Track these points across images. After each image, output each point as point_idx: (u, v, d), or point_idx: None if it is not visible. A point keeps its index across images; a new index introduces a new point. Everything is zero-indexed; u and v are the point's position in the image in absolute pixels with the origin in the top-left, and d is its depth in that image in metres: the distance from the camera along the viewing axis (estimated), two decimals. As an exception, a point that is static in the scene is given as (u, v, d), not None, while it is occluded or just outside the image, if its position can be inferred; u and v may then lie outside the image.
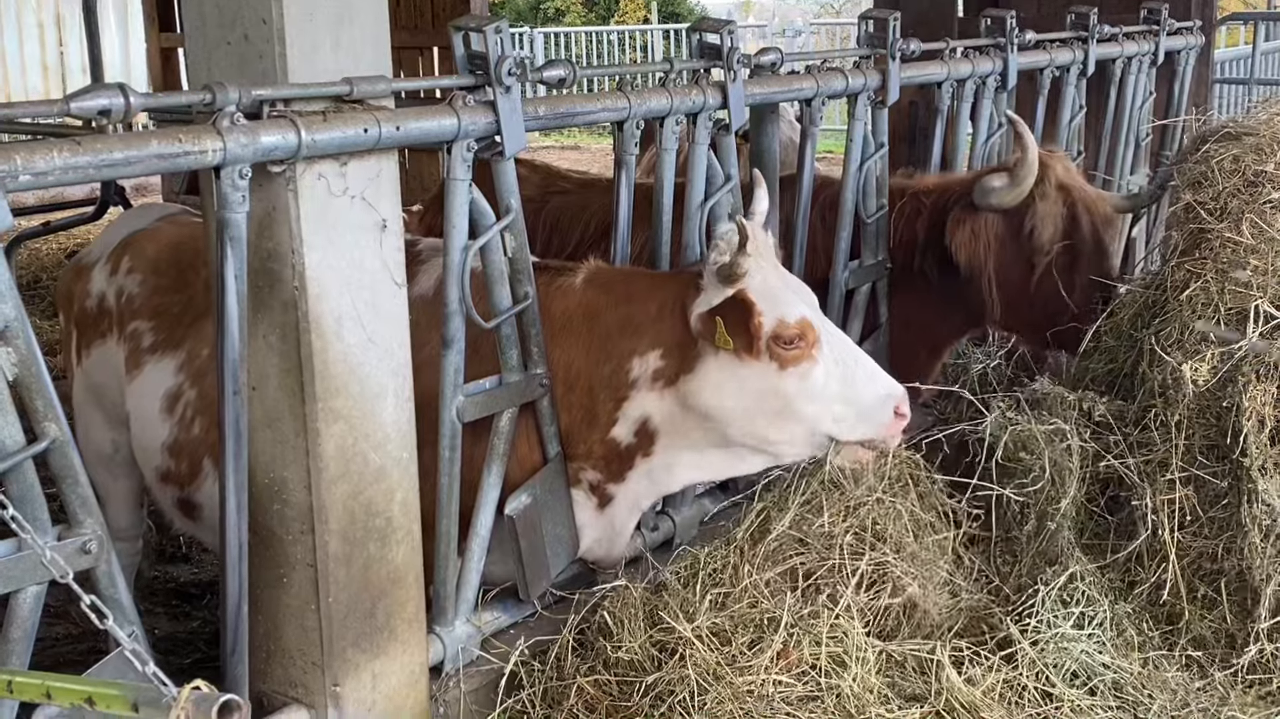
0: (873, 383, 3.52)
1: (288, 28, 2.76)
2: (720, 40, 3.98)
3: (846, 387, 3.50)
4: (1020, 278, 4.81)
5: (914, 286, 4.95)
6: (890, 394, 3.52)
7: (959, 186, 4.93)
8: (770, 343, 3.43)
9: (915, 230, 4.91)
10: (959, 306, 4.94)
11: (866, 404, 3.51)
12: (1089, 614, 3.51)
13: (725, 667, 3.20)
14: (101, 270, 4.27)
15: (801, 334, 3.45)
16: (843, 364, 3.51)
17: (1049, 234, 4.76)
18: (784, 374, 3.45)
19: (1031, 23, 5.82)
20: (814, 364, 3.48)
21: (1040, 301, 4.82)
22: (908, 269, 4.95)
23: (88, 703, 2.02)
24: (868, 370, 3.54)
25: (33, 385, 2.45)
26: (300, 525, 2.99)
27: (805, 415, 3.50)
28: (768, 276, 3.53)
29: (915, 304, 4.97)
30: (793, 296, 3.53)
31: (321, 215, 2.86)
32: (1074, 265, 4.84)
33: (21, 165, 2.33)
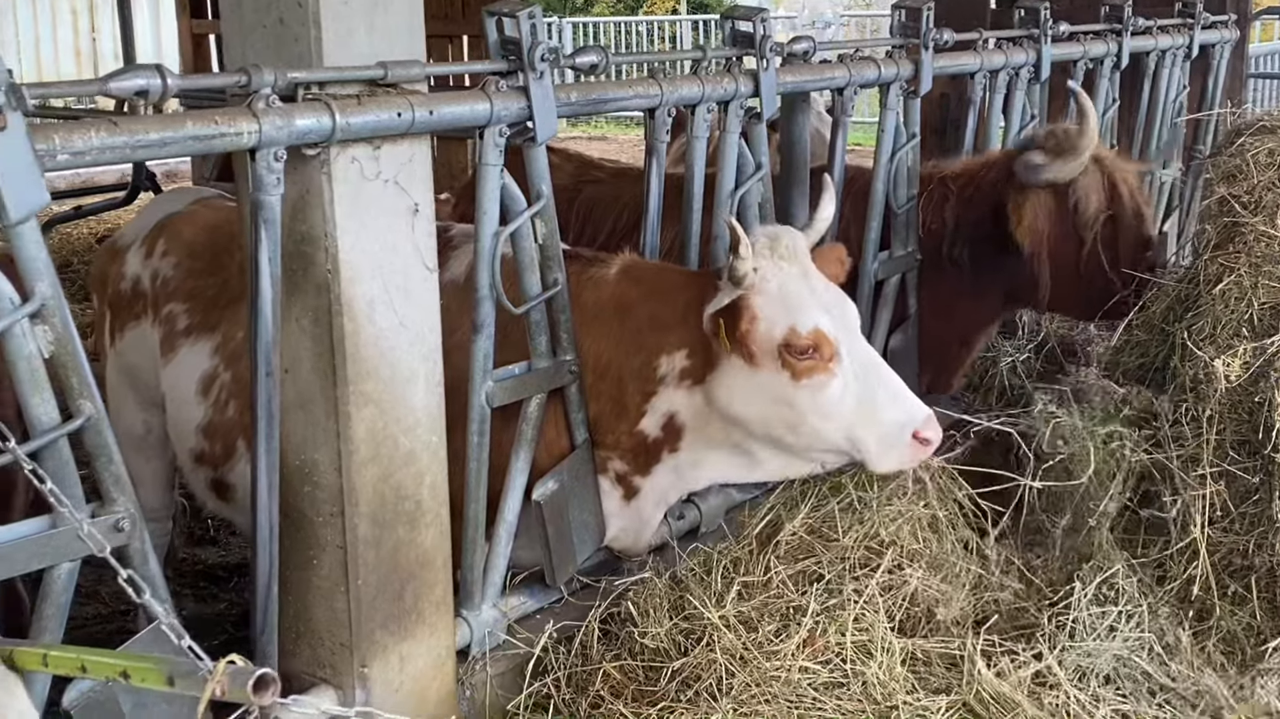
0: (893, 405, 3.40)
1: (323, 11, 2.77)
2: (753, 28, 3.97)
3: (865, 406, 3.39)
4: (1071, 253, 4.80)
5: (945, 275, 4.94)
6: (911, 419, 3.39)
7: (987, 169, 4.91)
8: (782, 351, 3.37)
9: (944, 217, 4.89)
10: (993, 292, 4.92)
11: (884, 427, 3.39)
12: (1127, 612, 3.48)
13: (753, 651, 3.20)
14: (137, 253, 4.30)
15: (815, 345, 3.35)
16: (864, 381, 3.39)
17: (1094, 206, 4.75)
18: (797, 385, 3.38)
19: (1065, 14, 5.79)
20: (830, 378, 3.38)
21: (1089, 275, 4.81)
22: (938, 257, 4.93)
23: (123, 676, 2.04)
24: (891, 391, 3.42)
25: (69, 363, 2.47)
26: (330, 508, 3.01)
27: (818, 430, 3.42)
28: (788, 282, 3.43)
29: (946, 292, 4.96)
30: (812, 305, 3.41)
31: (355, 199, 2.88)
32: (1117, 236, 4.83)
33: (60, 144, 2.35)
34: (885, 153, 4.74)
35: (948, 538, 3.77)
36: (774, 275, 3.42)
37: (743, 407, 3.47)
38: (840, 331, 3.41)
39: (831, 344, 3.37)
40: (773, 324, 3.38)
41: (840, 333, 3.41)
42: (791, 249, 3.48)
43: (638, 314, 3.61)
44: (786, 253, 3.46)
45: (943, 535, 3.75)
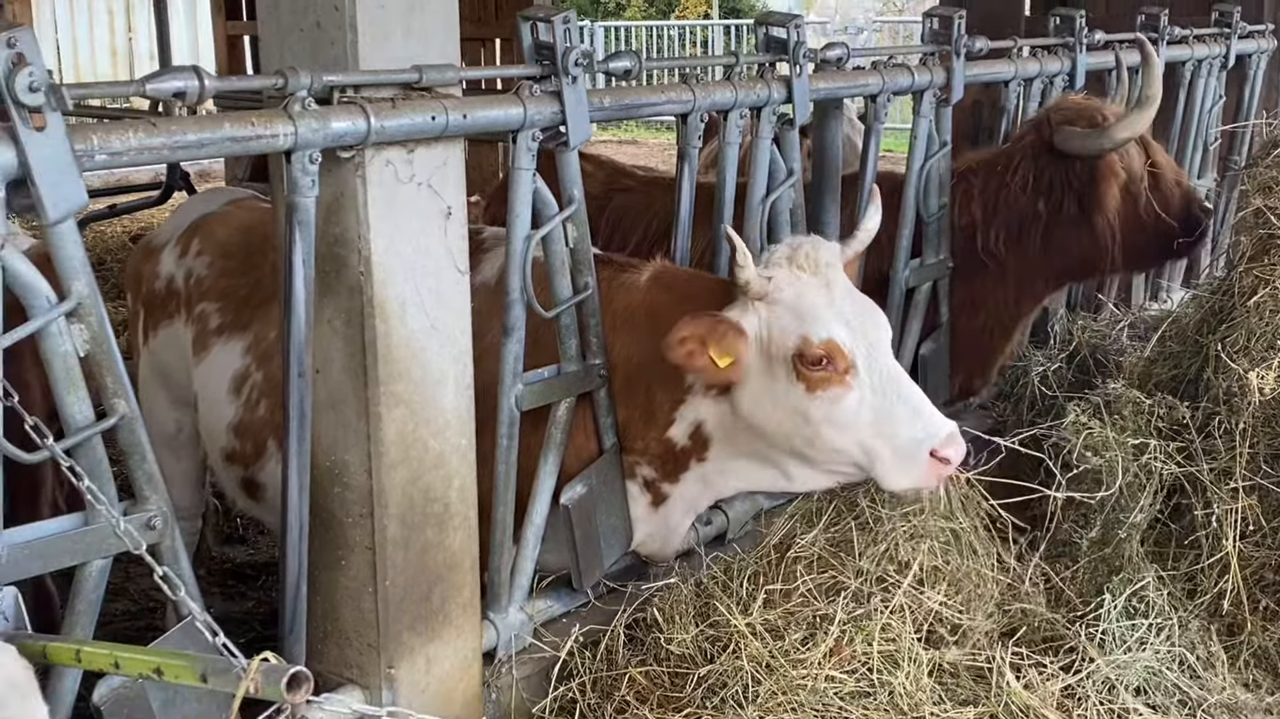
0: (911, 421, 3.31)
1: (359, 15, 2.78)
2: (786, 34, 3.97)
3: (881, 420, 3.32)
4: (1132, 210, 4.83)
5: (980, 268, 4.92)
6: (930, 436, 3.30)
7: (1010, 158, 4.90)
8: (795, 361, 3.33)
9: (972, 212, 4.88)
10: (1038, 276, 4.93)
11: (901, 443, 3.32)
12: (1157, 625, 3.46)
13: (779, 658, 3.19)
14: (171, 252, 4.33)
15: (828, 357, 3.31)
16: (882, 395, 3.33)
17: (1138, 160, 4.78)
18: (812, 397, 3.33)
19: (1100, 23, 5.76)
20: (845, 391, 3.33)
21: (1151, 225, 4.85)
22: (972, 253, 4.91)
23: (156, 673, 2.05)
24: (911, 407, 3.33)
25: (103, 362, 2.49)
26: (360, 508, 3.02)
27: (833, 443, 3.37)
28: (805, 292, 3.39)
29: (983, 285, 4.95)
30: (827, 316, 3.35)
31: (389, 201, 2.89)
32: (1158, 181, 4.89)
33: (98, 145, 2.37)
34: (917, 160, 4.73)
35: (970, 551, 3.74)
36: (789, 285, 3.39)
37: (763, 417, 3.45)
38: (859, 344, 3.35)
39: (846, 357, 3.32)
40: (785, 335, 3.36)
41: (859, 345, 3.35)
42: (812, 259, 3.43)
43: (667, 320, 3.60)
44: (805, 262, 3.42)
45: (965, 549, 3.72)
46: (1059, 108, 5.01)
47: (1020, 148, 4.92)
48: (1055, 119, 4.90)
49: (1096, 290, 5.98)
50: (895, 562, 3.54)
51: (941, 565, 3.59)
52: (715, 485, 3.74)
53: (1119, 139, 4.71)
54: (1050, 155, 4.81)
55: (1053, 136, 4.83)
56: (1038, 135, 4.91)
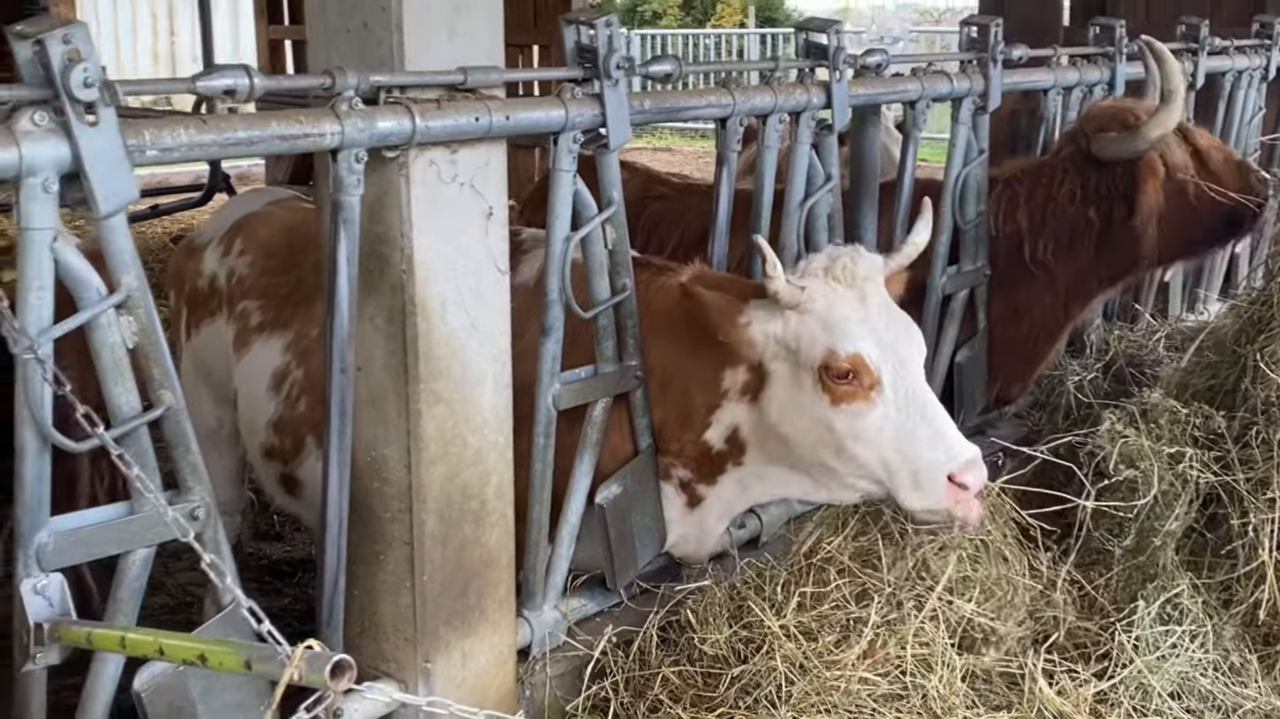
0: (933, 444, 3.29)
1: (406, 17, 2.82)
2: (826, 40, 3.99)
3: (903, 440, 3.30)
4: (1182, 201, 4.82)
5: (1025, 276, 4.91)
6: (950, 460, 3.27)
7: (1053, 168, 4.89)
8: (821, 373, 3.34)
9: (1018, 221, 4.87)
10: (1087, 280, 4.92)
11: (920, 464, 3.29)
12: (1191, 632, 3.45)
13: (813, 660, 3.21)
14: (214, 251, 4.39)
15: (854, 371, 3.30)
16: (906, 415, 3.31)
17: (1179, 151, 4.77)
18: (836, 409, 3.34)
19: (1140, 32, 5.74)
20: (870, 406, 3.32)
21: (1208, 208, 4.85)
22: (1016, 261, 4.90)
23: (200, 660, 2.08)
24: (934, 430, 3.31)
25: (151, 354, 2.53)
26: (399, 504, 3.06)
27: (856, 456, 3.37)
28: (837, 304, 3.38)
29: (1029, 293, 4.94)
30: (857, 330, 3.34)
31: (431, 201, 2.92)
32: (1206, 163, 4.88)
33: (150, 140, 2.42)
34: (955, 167, 4.73)
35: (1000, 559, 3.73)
36: (822, 296, 3.38)
37: (789, 425, 3.46)
38: (887, 361, 3.34)
39: (872, 373, 3.31)
40: (813, 346, 3.36)
41: (887, 362, 3.34)
42: (849, 271, 3.42)
43: (702, 326, 3.61)
44: (842, 274, 3.41)
45: (994, 557, 3.71)
46: (1090, 116, 5.02)
47: (1062, 159, 4.91)
48: (1089, 128, 4.89)
49: (1133, 300, 5.97)
50: (925, 576, 3.54)
51: (972, 574, 3.58)
52: (751, 490, 3.75)
53: (1152, 138, 4.70)
54: (1093, 164, 4.80)
55: (1090, 146, 4.82)
56: (1076, 146, 4.90)
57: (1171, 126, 4.72)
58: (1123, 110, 4.90)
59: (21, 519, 2.42)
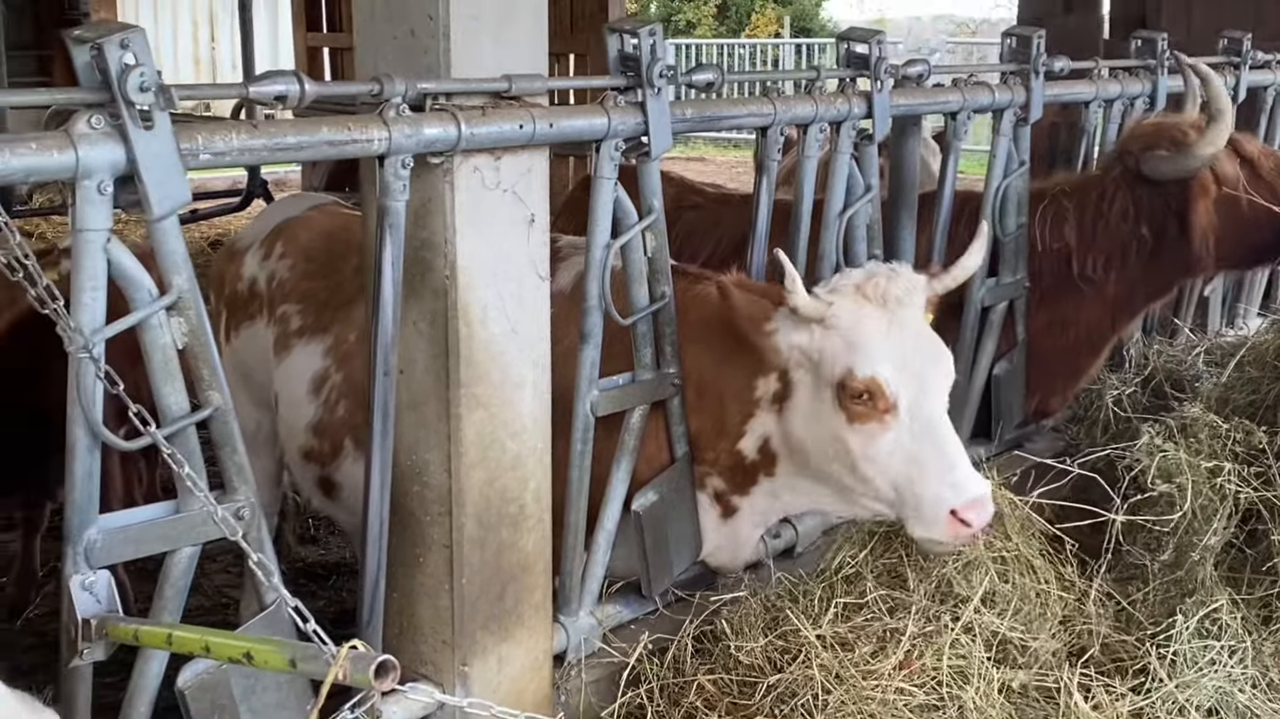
0: (940, 477, 3.24)
1: (453, 24, 2.85)
2: (868, 49, 3.99)
3: (912, 468, 3.28)
4: (1235, 213, 4.79)
5: (1072, 290, 4.89)
6: (956, 495, 3.22)
7: (1103, 184, 4.87)
8: (838, 390, 3.33)
9: (1065, 236, 4.84)
10: (1135, 294, 4.90)
11: (925, 495, 3.26)
12: (1230, 647, 3.42)
13: (850, 669, 3.21)
14: (254, 255, 4.43)
15: (869, 393, 3.28)
16: (918, 443, 3.28)
17: (1229, 164, 4.75)
18: (850, 428, 3.33)
19: (1182, 46, 5.71)
20: (884, 429, 3.30)
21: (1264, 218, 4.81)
22: (1063, 275, 4.87)
23: (246, 658, 2.11)
24: (946, 462, 3.27)
25: (200, 354, 2.57)
26: (438, 507, 3.08)
27: (868, 477, 3.36)
28: (862, 323, 3.35)
29: (1075, 306, 4.92)
30: (878, 352, 3.30)
31: (475, 207, 2.95)
32: (1257, 172, 4.86)
33: (202, 144, 2.45)
34: (996, 179, 4.72)
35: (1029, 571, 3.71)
36: (848, 313, 3.36)
37: (810, 439, 3.46)
38: (907, 386, 3.30)
39: (888, 397, 3.28)
40: (834, 362, 3.35)
41: (906, 388, 3.30)
42: (881, 291, 3.38)
43: (737, 333, 3.62)
44: (873, 293, 3.37)
45: (1024, 570, 3.69)
46: (1137, 134, 4.96)
47: (1112, 179, 4.87)
48: (1137, 146, 4.85)
49: (1173, 315, 5.93)
50: (951, 596, 3.53)
51: (1000, 589, 3.57)
52: (784, 501, 3.75)
53: (1205, 156, 4.67)
54: (1144, 182, 4.76)
55: (1139, 165, 4.79)
56: (1124, 164, 4.87)
57: (1222, 144, 4.68)
58: (1170, 128, 4.86)
59: (71, 516, 2.45)
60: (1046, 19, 8.10)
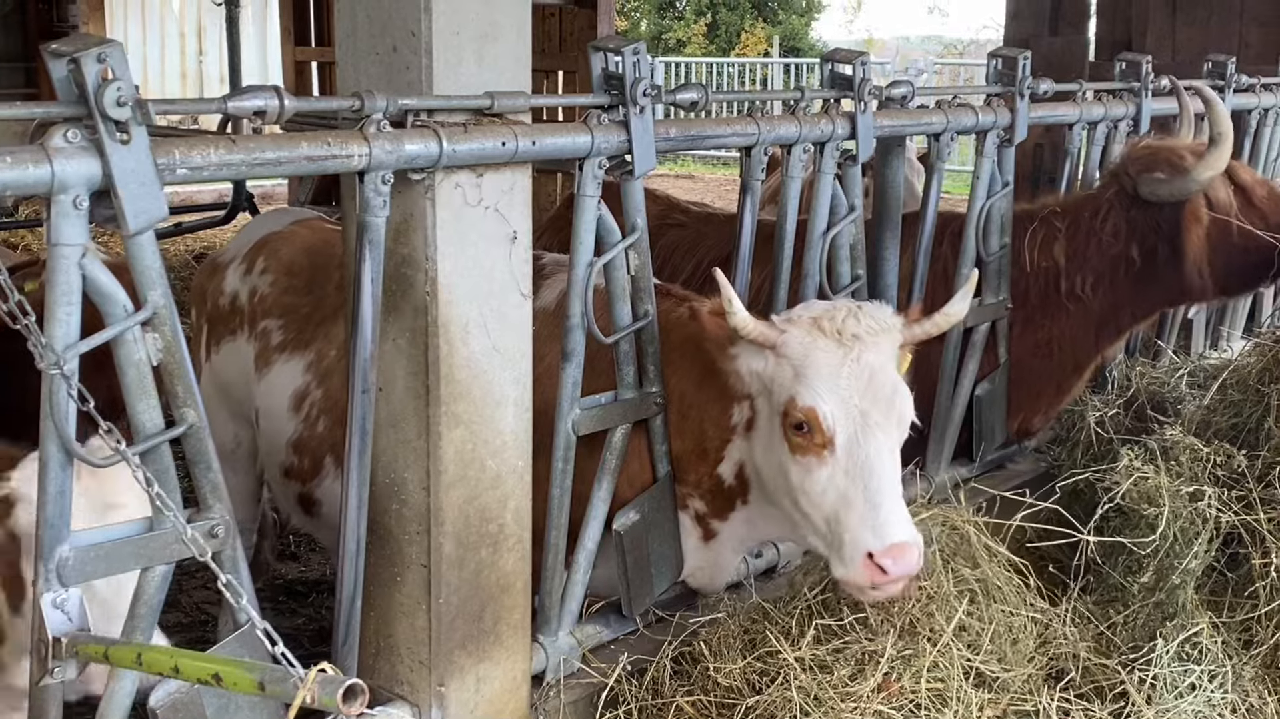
0: (864, 518, 3.17)
1: (435, 41, 2.84)
2: (852, 71, 4.00)
3: (840, 507, 3.22)
4: (1225, 240, 4.80)
5: (1058, 309, 4.90)
6: (876, 539, 3.14)
7: (1094, 207, 4.89)
8: (781, 418, 3.30)
9: (1054, 256, 4.85)
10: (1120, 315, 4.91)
11: (846, 535, 3.20)
12: (1211, 671, 3.42)
13: (829, 690, 3.19)
14: (236, 270, 4.41)
15: (808, 424, 3.24)
16: (850, 482, 3.21)
17: (1222, 189, 4.75)
18: (792, 459, 3.30)
19: (1167, 69, 5.74)
20: (820, 464, 3.24)
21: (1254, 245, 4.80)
22: (1050, 295, 4.89)
23: (214, 679, 2.08)
24: (871, 504, 3.18)
25: (175, 371, 2.54)
26: (416, 526, 3.06)
27: (805, 510, 3.32)
28: (813, 354, 3.28)
29: (1060, 326, 4.93)
30: (823, 386, 3.24)
31: (456, 224, 2.93)
32: (1250, 199, 4.85)
33: (179, 159, 2.44)
34: (979, 200, 4.73)
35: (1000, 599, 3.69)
36: (799, 342, 3.31)
37: (765, 466, 3.46)
38: (848, 423, 3.23)
39: (824, 432, 3.23)
40: (781, 390, 3.32)
41: (846, 424, 3.23)
42: (837, 326, 3.30)
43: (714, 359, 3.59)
44: (829, 327, 3.30)
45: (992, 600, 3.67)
46: (1135, 156, 4.97)
47: (1106, 199, 4.88)
48: (1134, 168, 4.87)
49: (1156, 337, 5.94)
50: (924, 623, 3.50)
51: (969, 623, 3.54)
52: (758, 528, 3.72)
53: (1203, 180, 4.69)
54: (1138, 203, 4.79)
55: (1136, 186, 4.80)
56: (1120, 185, 4.89)
57: (1221, 169, 4.70)
58: (1169, 151, 4.87)
59: (42, 533, 2.42)
60: (1033, 41, 8.16)
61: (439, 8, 2.82)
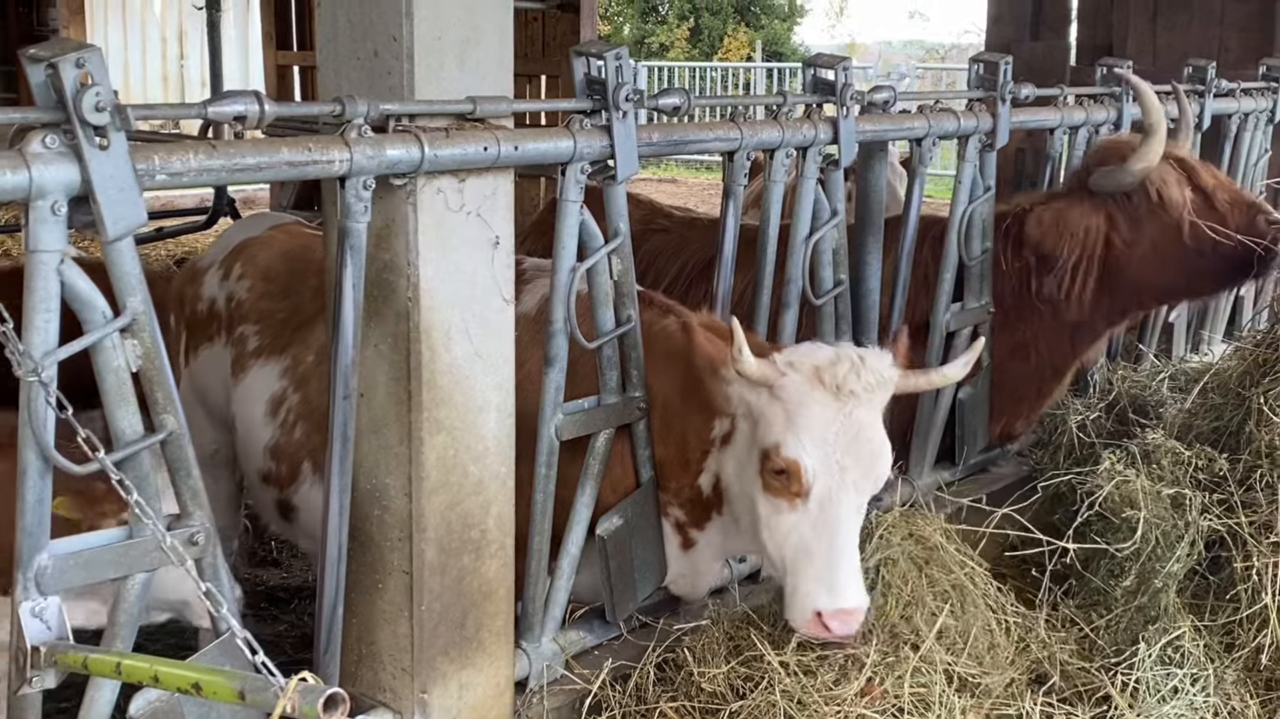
0: (820, 576, 3.21)
1: (417, 46, 2.82)
2: (834, 76, 4.00)
3: (800, 556, 3.25)
4: (1173, 241, 4.79)
5: (1033, 311, 4.92)
6: (826, 599, 3.19)
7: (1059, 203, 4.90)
8: (763, 459, 3.30)
9: (1025, 257, 4.88)
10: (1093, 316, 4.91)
11: (800, 588, 3.24)
12: (1194, 674, 3.43)
13: (812, 694, 3.19)
14: (214, 275, 4.38)
15: (787, 473, 3.25)
16: (815, 535, 3.24)
17: (1175, 189, 4.76)
18: (763, 494, 3.32)
19: (1148, 75, 5.76)
20: (791, 509, 3.26)
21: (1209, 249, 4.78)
22: (1024, 297, 4.90)
23: (194, 688, 2.07)
24: (829, 564, 3.21)
25: (155, 378, 2.53)
26: (398, 533, 3.04)
27: (765, 542, 3.35)
28: (807, 404, 3.26)
29: (1036, 328, 4.94)
30: (809, 439, 3.23)
31: (438, 229, 2.92)
32: (1211, 203, 4.83)
33: (159, 165, 2.42)
34: (961, 204, 4.74)
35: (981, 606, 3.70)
36: (796, 389, 3.28)
37: (735, 486, 3.48)
38: (827, 479, 3.24)
39: (803, 484, 3.24)
40: (767, 431, 3.31)
41: (825, 481, 3.24)
42: (837, 381, 3.26)
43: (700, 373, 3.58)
44: (830, 380, 3.26)
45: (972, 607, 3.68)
46: (1095, 149, 5.05)
47: (1067, 197, 4.92)
48: (1092, 162, 4.92)
49: (1138, 340, 5.96)
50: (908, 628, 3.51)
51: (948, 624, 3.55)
52: (733, 540, 3.72)
53: (1136, 172, 4.71)
54: (1096, 202, 4.81)
55: (1089, 180, 4.85)
56: (1079, 181, 4.93)
57: (1153, 161, 4.71)
58: (1122, 144, 4.93)
59: (21, 542, 2.40)
60: (1014, 46, 8.18)
61: (420, 13, 2.81)
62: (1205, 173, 4.95)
